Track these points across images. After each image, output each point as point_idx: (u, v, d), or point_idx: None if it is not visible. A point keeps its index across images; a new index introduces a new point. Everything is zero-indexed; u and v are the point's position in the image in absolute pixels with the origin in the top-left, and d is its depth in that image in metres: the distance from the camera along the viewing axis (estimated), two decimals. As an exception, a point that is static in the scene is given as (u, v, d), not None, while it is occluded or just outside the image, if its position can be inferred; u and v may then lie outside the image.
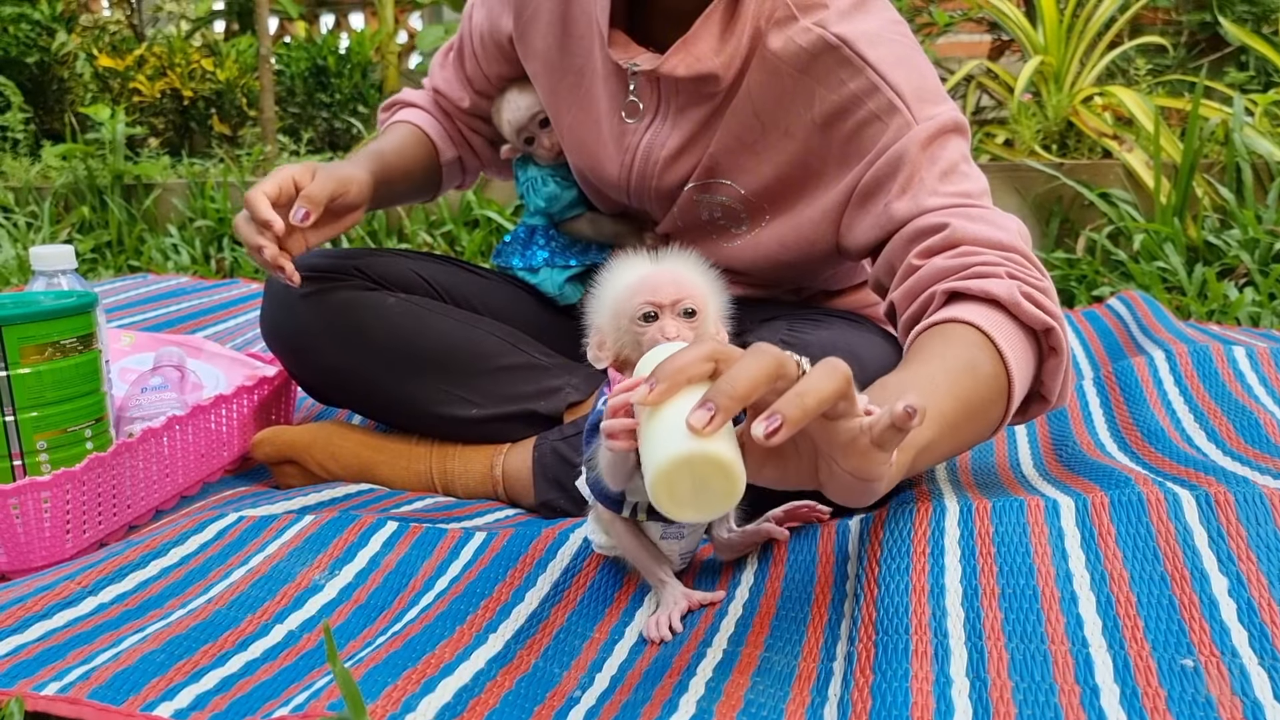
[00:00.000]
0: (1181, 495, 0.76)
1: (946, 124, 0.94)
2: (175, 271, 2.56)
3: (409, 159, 1.24)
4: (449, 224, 2.64)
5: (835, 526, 0.84)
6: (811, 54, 0.96)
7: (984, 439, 0.85)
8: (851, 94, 0.95)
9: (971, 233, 0.89)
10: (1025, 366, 0.84)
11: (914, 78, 0.95)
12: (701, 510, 0.57)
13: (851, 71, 0.95)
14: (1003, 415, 0.84)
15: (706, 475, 0.56)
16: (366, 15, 4.62)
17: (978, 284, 0.85)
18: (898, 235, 0.93)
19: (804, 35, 0.96)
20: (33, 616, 0.74)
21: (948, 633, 0.65)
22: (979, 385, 0.79)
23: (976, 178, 0.95)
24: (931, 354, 0.82)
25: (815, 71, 0.96)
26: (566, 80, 1.12)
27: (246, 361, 1.33)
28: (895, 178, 0.93)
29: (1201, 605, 0.65)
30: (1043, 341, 0.87)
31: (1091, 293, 2.06)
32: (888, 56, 0.95)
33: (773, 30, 0.98)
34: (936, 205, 0.91)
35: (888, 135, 0.94)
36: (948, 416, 0.75)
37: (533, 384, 1.12)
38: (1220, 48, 3.04)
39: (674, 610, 0.76)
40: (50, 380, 0.94)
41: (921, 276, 0.90)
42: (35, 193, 2.90)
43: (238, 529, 0.88)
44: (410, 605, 0.79)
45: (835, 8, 0.97)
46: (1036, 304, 0.85)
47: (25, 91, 3.60)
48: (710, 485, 0.56)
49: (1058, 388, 0.89)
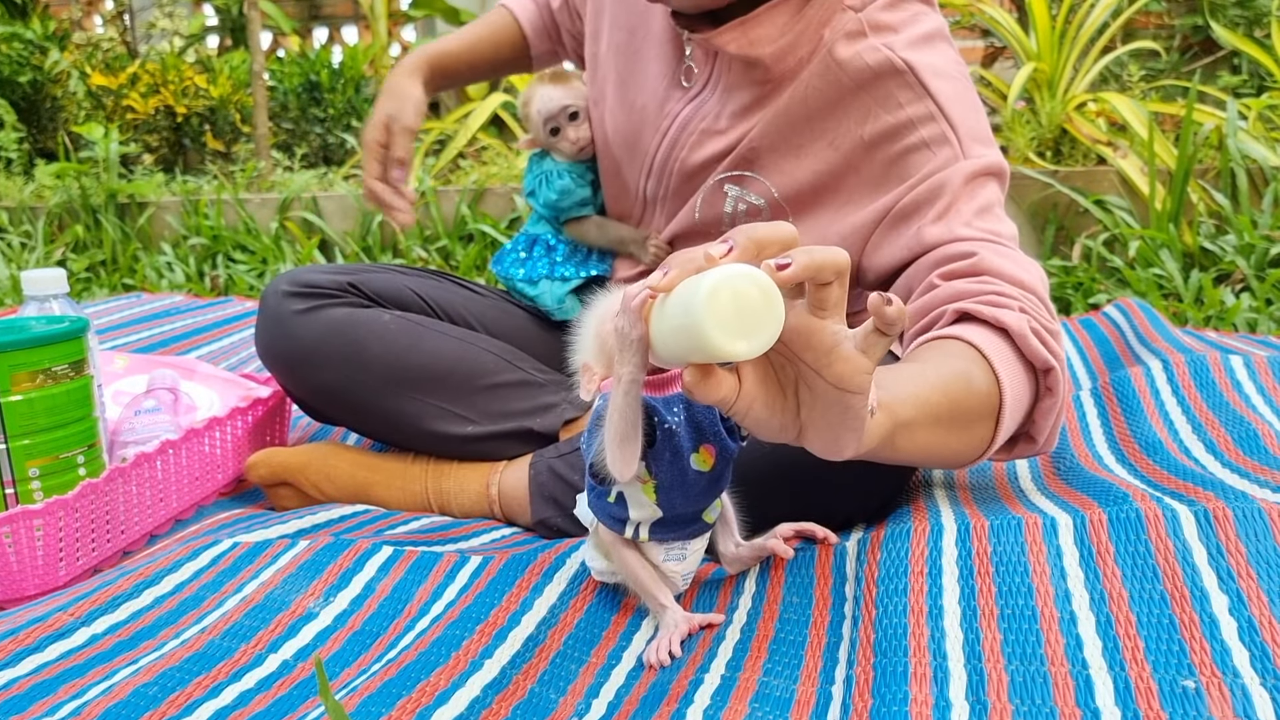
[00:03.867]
0: (1180, 511, 0.76)
1: (992, 166, 0.96)
2: (169, 289, 2.55)
3: (484, 56, 1.35)
4: (444, 238, 2.63)
5: (833, 547, 0.84)
6: (876, 72, 0.98)
7: (966, 458, 0.85)
8: (907, 119, 0.97)
9: (996, 265, 0.90)
10: (1019, 398, 0.84)
11: (970, 116, 0.97)
12: (749, 336, 0.55)
13: (911, 97, 0.97)
14: (989, 440, 0.84)
15: (743, 292, 0.54)
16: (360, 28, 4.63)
17: (990, 310, 0.86)
18: (924, 258, 0.94)
19: (872, 53, 0.98)
20: (25, 650, 0.74)
21: (947, 654, 0.64)
22: (970, 396, 0.79)
23: (1009, 223, 0.97)
24: (927, 359, 0.83)
25: (876, 90, 0.98)
26: (618, 36, 1.17)
27: (240, 382, 1.32)
28: (934, 204, 0.95)
29: (1202, 624, 0.64)
30: (1040, 381, 0.87)
31: (1088, 300, 2.06)
32: (948, 90, 0.97)
33: (841, 40, 1.00)
34: (968, 235, 0.93)
35: (934, 163, 0.96)
36: (931, 406, 0.75)
37: (528, 401, 1.12)
38: (1213, 51, 3.05)
39: (674, 634, 0.75)
40: (42, 407, 0.94)
41: (938, 295, 0.91)
42: (29, 212, 2.89)
43: (231, 555, 0.87)
44: (405, 631, 0.78)
45: (904, 35, 0.99)
46: (1043, 341, 0.86)
47: (18, 110, 3.60)
48: (750, 303, 0.55)
49: (1047, 430, 0.89)
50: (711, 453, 0.73)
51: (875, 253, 1.00)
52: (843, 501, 0.93)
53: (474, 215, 2.65)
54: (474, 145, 3.09)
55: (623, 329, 0.62)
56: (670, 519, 0.75)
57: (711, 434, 0.72)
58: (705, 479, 0.73)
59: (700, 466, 0.73)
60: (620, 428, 0.66)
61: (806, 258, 0.56)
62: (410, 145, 1.25)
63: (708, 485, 0.74)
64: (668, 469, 0.72)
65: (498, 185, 2.71)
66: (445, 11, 4.14)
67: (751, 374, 0.61)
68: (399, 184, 1.25)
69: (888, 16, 1.01)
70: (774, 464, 0.89)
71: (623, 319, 0.62)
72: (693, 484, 0.73)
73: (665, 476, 0.72)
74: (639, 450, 0.67)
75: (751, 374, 0.61)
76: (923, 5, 1.04)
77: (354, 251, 2.67)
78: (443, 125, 3.21)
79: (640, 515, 0.75)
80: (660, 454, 0.72)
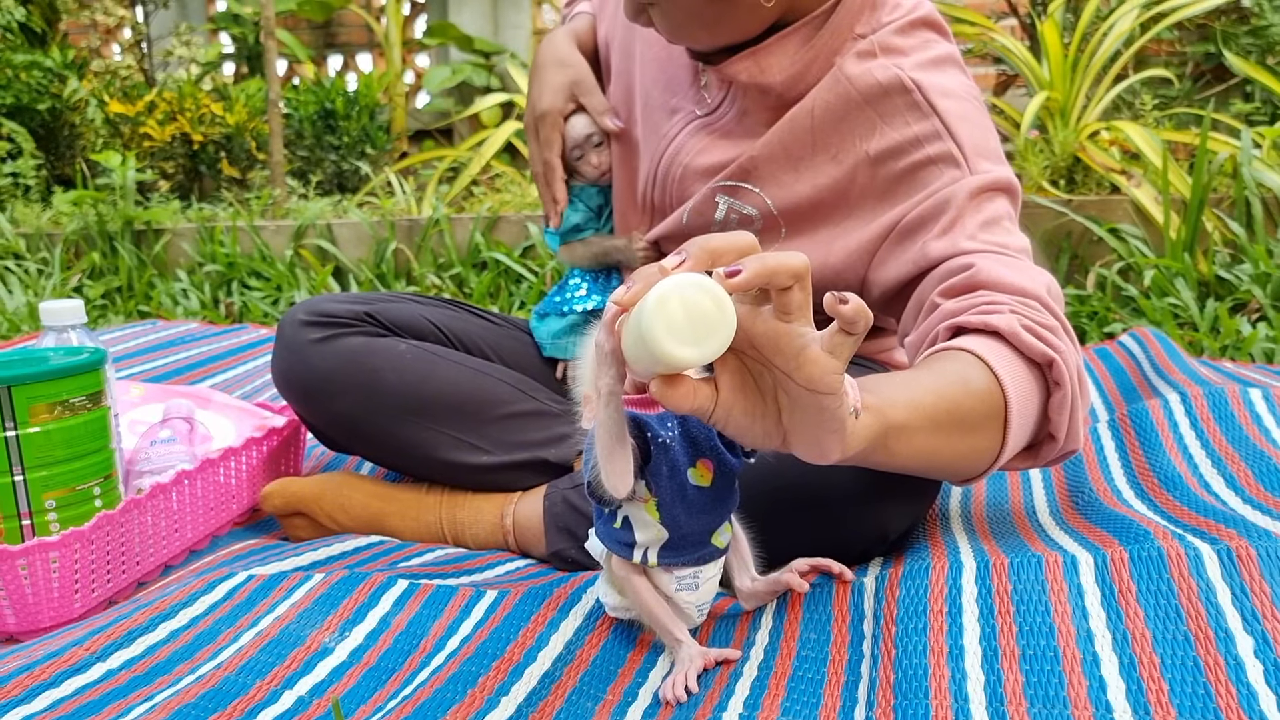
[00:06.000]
0: (1203, 550, 0.75)
1: (999, 181, 0.96)
2: (184, 316, 2.56)
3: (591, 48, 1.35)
4: (457, 266, 2.64)
5: (850, 583, 0.83)
6: (885, 89, 0.99)
7: (979, 465, 0.82)
8: (914, 136, 0.97)
9: (995, 276, 0.89)
10: (1025, 395, 0.82)
11: (977, 134, 0.98)
12: (700, 342, 0.56)
13: (918, 115, 0.98)
14: (999, 443, 0.82)
15: (692, 299, 0.56)
16: (374, 56, 4.67)
17: (979, 318, 0.85)
18: (930, 275, 0.94)
19: (882, 70, 0.99)
20: (41, 685, 0.74)
21: (968, 697, 0.64)
22: (968, 396, 0.78)
23: (1018, 236, 0.96)
24: (921, 368, 0.82)
25: (883, 107, 0.99)
26: (649, 70, 1.19)
27: (255, 412, 1.32)
28: (938, 219, 0.95)
29: (1227, 667, 0.64)
30: (1047, 376, 0.86)
31: (1103, 329, 2.05)
32: (956, 110, 0.98)
33: (852, 58, 1.01)
34: (971, 248, 0.92)
35: (941, 180, 0.96)
36: (927, 410, 0.74)
37: (543, 431, 1.12)
38: (1225, 79, 3.05)
39: (690, 669, 0.74)
40: (59, 439, 0.94)
41: (934, 317, 0.90)
42: (46, 239, 2.92)
43: (247, 589, 0.87)
44: (421, 667, 0.78)
45: (914, 57, 1.01)
46: (1038, 336, 0.84)
47: (37, 138, 3.63)
48: (699, 309, 0.56)
49: (1064, 425, 0.87)
50: (709, 467, 0.73)
51: (881, 268, 0.99)
52: (858, 535, 0.93)
53: (488, 243, 2.66)
54: (487, 172, 3.11)
55: (599, 342, 0.64)
56: (677, 540, 0.74)
57: (708, 448, 0.73)
58: (706, 495, 0.73)
59: (699, 482, 0.73)
60: (606, 441, 0.67)
61: (758, 264, 0.57)
62: (605, 102, 1.23)
63: (710, 502, 0.74)
64: (666, 484, 0.72)
65: (511, 213, 2.72)
66: (459, 39, 4.18)
67: (729, 382, 0.62)
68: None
69: (899, 40, 1.02)
70: (787, 496, 0.88)
71: (600, 333, 0.64)
72: (693, 500, 0.73)
73: (665, 493, 0.73)
74: (629, 463, 0.68)
75: (729, 382, 0.62)
76: (934, 33, 1.04)
77: (368, 279, 2.68)
78: (456, 153, 3.23)
79: (646, 537, 0.75)
80: (658, 469, 0.72)
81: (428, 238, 2.70)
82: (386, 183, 3.21)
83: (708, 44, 1.06)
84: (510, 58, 4.20)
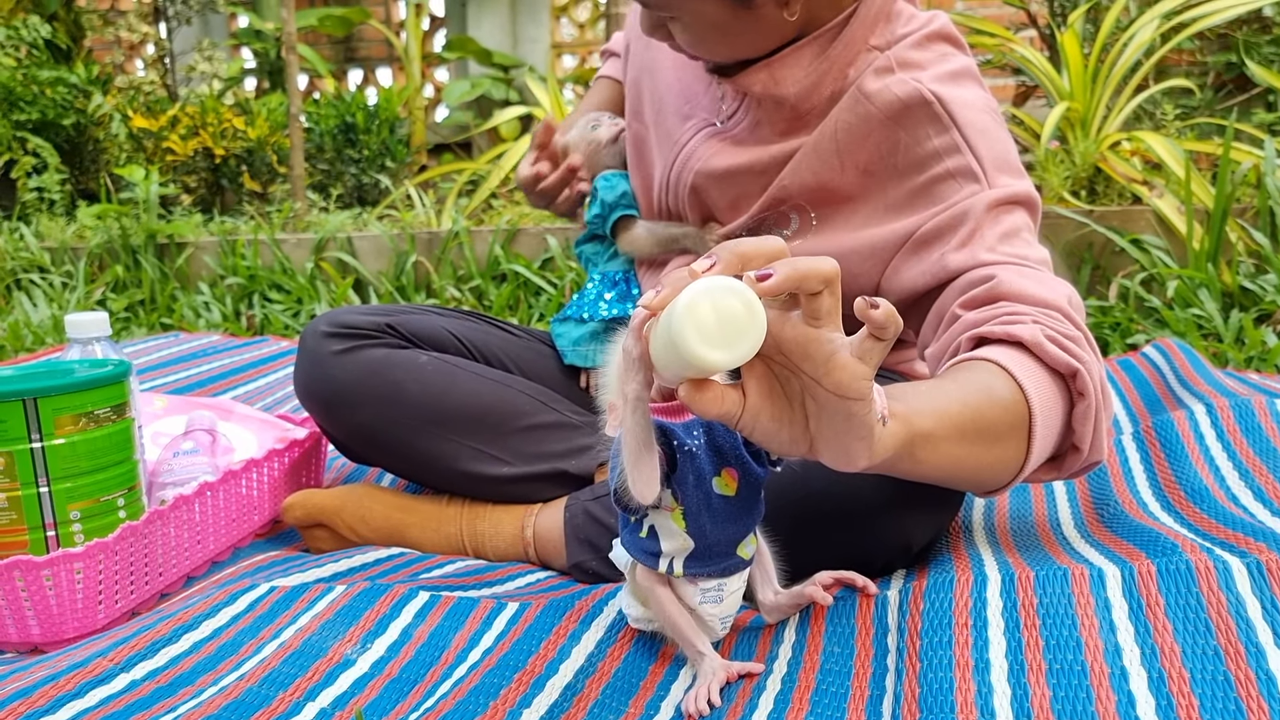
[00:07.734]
0: (1232, 563, 0.74)
1: (1018, 194, 0.96)
2: (206, 329, 2.58)
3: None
4: (477, 278, 2.65)
5: (874, 596, 0.82)
6: (905, 104, 0.99)
7: (1004, 475, 0.82)
8: (934, 149, 0.98)
9: (1017, 287, 0.88)
10: (1048, 405, 0.82)
11: (996, 148, 0.98)
12: (730, 345, 0.56)
13: (938, 129, 0.98)
14: (1024, 453, 0.81)
15: (723, 303, 0.56)
16: (394, 70, 4.70)
17: (1002, 329, 0.85)
18: (950, 287, 0.94)
19: (901, 86, 0.99)
20: (65, 695, 0.74)
21: (995, 712, 0.63)
22: (992, 405, 0.77)
23: (1038, 248, 0.96)
24: (945, 377, 0.82)
25: (904, 121, 0.99)
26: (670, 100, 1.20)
27: (276, 423, 1.33)
28: (957, 231, 0.95)
29: (1259, 682, 0.63)
30: (1071, 387, 0.86)
31: (1126, 340, 2.03)
32: (975, 123, 0.98)
33: (869, 74, 1.02)
34: (991, 260, 0.92)
35: (959, 194, 0.96)
36: (952, 417, 0.73)
37: (564, 443, 1.12)
38: (1247, 88, 3.03)
39: (712, 682, 0.74)
40: (84, 450, 0.95)
41: (956, 328, 0.90)
42: (71, 252, 2.94)
43: (269, 600, 0.87)
44: (443, 679, 0.78)
45: (932, 71, 1.01)
46: (1061, 347, 0.83)
47: (62, 152, 3.68)
48: (730, 312, 0.56)
49: (1088, 436, 0.86)
50: (734, 476, 0.73)
51: (895, 276, 0.99)
52: (882, 546, 0.92)
53: (507, 255, 2.66)
54: (506, 185, 3.12)
55: (627, 348, 0.64)
56: (703, 551, 0.74)
57: (733, 457, 0.72)
58: (732, 505, 0.73)
59: (724, 491, 0.72)
60: (632, 447, 0.66)
61: (789, 268, 0.57)
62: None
63: (736, 512, 0.73)
64: (692, 493, 0.72)
65: (530, 225, 2.73)
66: (478, 53, 4.20)
67: (756, 388, 0.62)
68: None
69: (916, 54, 1.02)
70: (812, 505, 0.88)
71: (628, 338, 0.64)
72: (718, 510, 0.73)
73: (691, 502, 0.72)
74: (656, 469, 0.67)
75: (756, 388, 0.62)
76: (950, 46, 1.04)
77: (388, 291, 2.69)
78: (475, 166, 3.24)
79: (672, 547, 0.74)
80: (684, 478, 0.72)
81: (447, 250, 2.71)
82: (406, 196, 3.23)
83: (727, 57, 1.07)
84: (529, 71, 4.23)
